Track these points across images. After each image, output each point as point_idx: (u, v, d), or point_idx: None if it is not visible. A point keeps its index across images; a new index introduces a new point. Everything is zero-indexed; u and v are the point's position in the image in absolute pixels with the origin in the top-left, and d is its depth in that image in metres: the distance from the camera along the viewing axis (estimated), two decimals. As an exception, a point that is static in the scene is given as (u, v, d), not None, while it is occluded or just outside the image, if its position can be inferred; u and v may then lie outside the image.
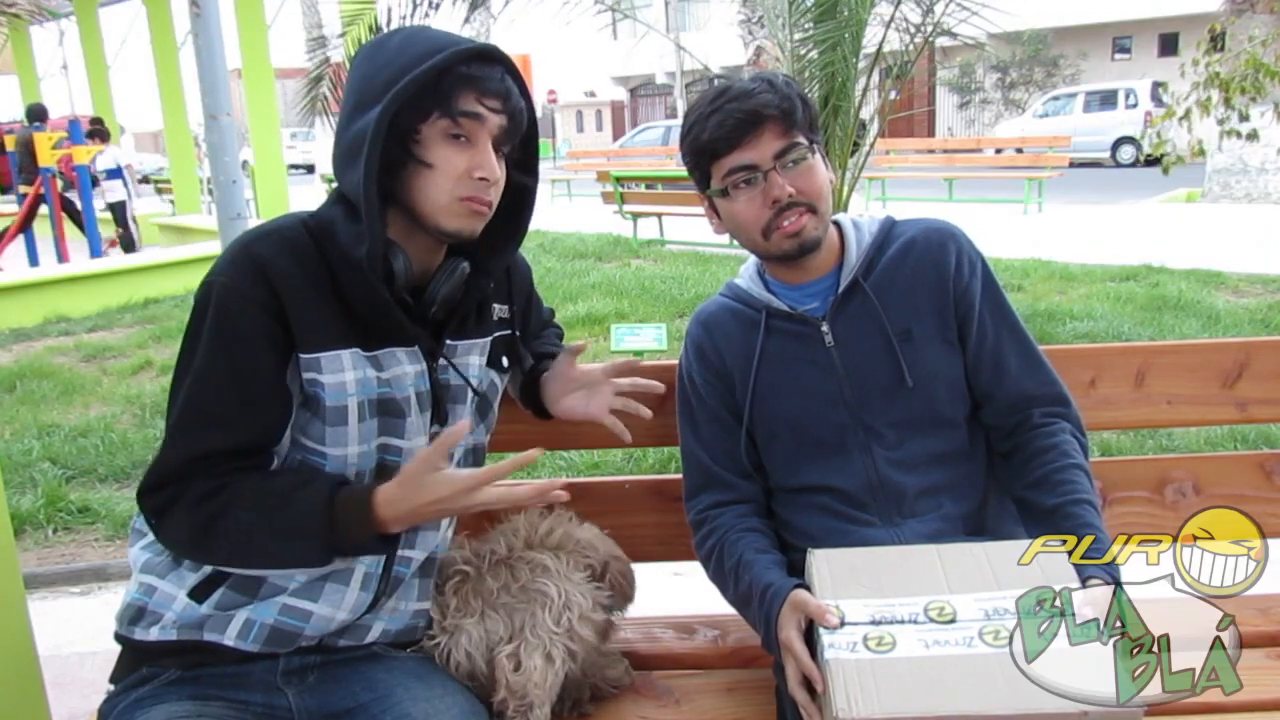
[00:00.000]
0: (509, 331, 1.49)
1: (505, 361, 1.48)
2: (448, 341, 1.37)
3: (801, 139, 1.41)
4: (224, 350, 1.22)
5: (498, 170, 1.29)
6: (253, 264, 1.23)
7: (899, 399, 1.43)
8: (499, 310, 1.47)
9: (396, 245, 1.28)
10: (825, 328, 1.46)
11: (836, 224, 1.52)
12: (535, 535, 1.44)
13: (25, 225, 10.48)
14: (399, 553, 1.33)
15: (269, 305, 1.23)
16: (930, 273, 1.46)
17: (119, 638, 1.32)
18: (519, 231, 1.42)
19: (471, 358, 1.41)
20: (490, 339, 1.44)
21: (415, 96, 1.22)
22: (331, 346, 1.26)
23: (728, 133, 1.39)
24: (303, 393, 1.28)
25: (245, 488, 1.24)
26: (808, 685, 1.20)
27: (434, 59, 1.21)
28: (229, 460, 1.24)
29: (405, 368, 1.32)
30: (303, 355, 1.25)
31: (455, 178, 1.26)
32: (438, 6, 5.73)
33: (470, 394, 1.41)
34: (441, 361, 1.37)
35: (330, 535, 1.22)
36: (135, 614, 1.30)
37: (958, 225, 1.51)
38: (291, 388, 1.27)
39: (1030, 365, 1.47)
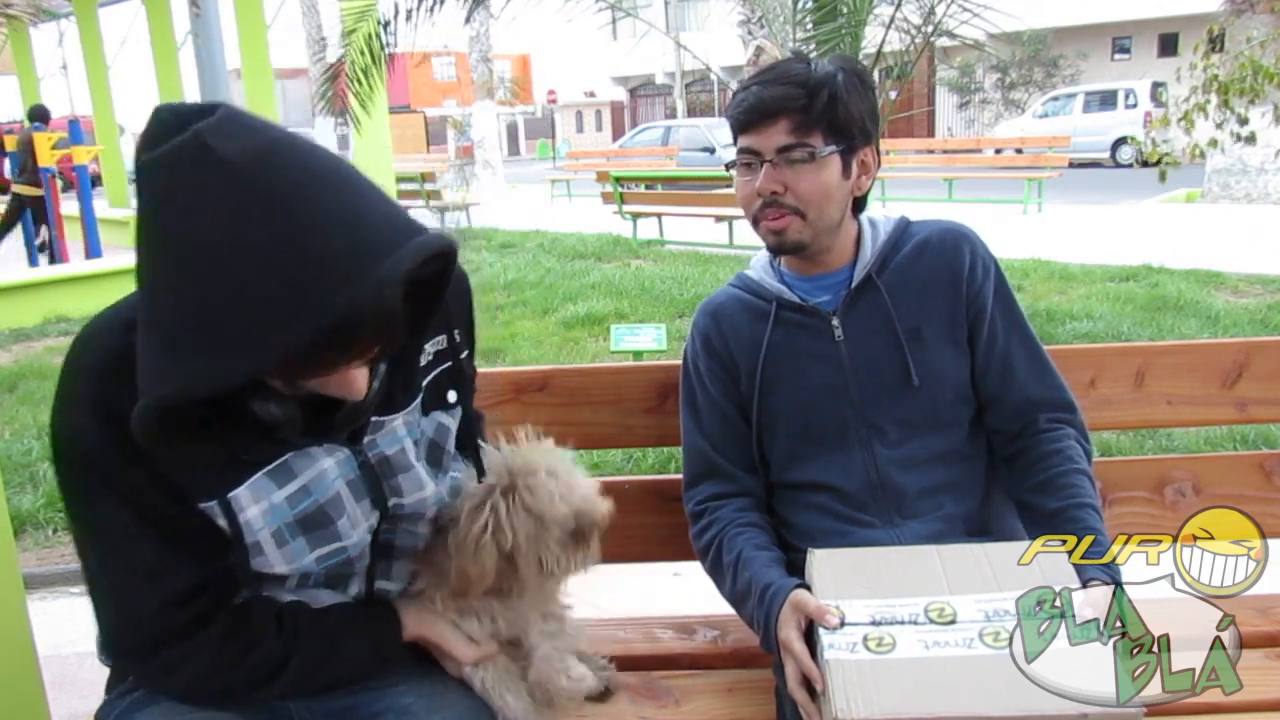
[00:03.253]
0: (450, 363, 1.26)
1: (453, 396, 1.27)
2: (373, 419, 1.16)
3: (815, 142, 1.37)
4: (122, 509, 1.07)
5: (361, 386, 1.04)
6: (109, 416, 1.02)
7: (904, 397, 1.42)
8: (431, 349, 1.23)
9: (264, 392, 1.02)
10: (835, 321, 1.46)
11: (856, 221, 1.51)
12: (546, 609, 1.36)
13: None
14: (377, 584, 1.27)
15: (143, 461, 1.04)
16: (944, 274, 1.45)
17: (104, 660, 1.28)
18: (442, 287, 1.07)
19: (397, 423, 1.19)
20: (418, 400, 1.22)
21: None
22: (224, 488, 1.08)
23: (744, 113, 1.40)
24: None
25: (274, 648, 1.15)
26: (807, 685, 1.20)
27: (303, 343, 0.87)
28: (202, 595, 1.12)
29: (323, 464, 1.12)
30: (199, 505, 1.09)
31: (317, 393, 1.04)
32: (431, 9, 5.69)
33: (413, 455, 1.20)
34: (369, 438, 1.16)
35: (380, 659, 1.25)
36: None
37: (970, 227, 1.51)
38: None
39: (1038, 371, 1.47)
